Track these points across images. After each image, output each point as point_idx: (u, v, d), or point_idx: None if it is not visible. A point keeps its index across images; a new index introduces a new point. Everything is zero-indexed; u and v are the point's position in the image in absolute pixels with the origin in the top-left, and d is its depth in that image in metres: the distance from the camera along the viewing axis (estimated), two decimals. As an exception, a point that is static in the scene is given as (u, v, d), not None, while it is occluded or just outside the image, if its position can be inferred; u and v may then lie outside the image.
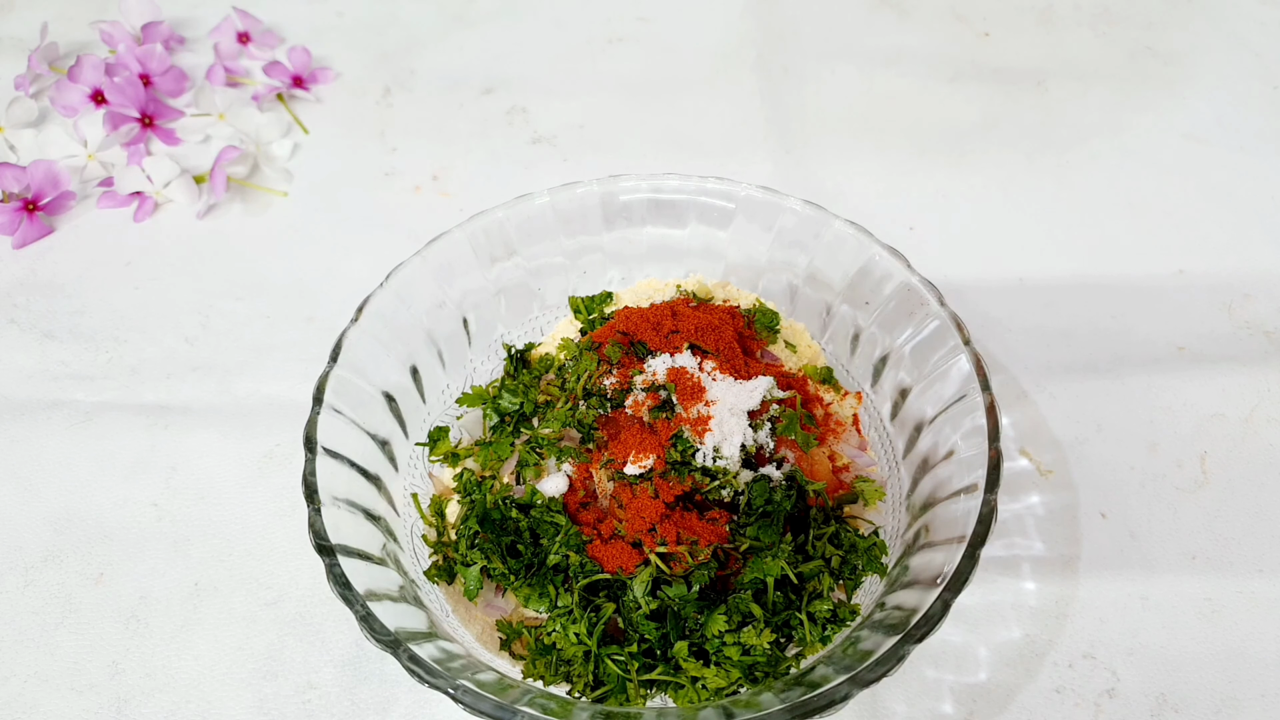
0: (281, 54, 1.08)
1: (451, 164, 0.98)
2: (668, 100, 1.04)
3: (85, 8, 1.15)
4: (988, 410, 0.59)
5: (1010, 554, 0.69)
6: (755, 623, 0.57)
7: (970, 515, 0.55)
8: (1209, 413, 0.77)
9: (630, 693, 0.57)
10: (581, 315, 0.75)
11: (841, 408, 0.70)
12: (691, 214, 0.73)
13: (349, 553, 0.55)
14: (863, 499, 0.65)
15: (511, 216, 0.71)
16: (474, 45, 1.11)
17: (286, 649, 0.66)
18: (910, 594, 0.54)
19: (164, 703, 0.64)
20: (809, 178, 0.96)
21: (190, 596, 0.68)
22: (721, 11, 1.14)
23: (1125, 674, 0.64)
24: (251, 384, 0.80)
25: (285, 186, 0.97)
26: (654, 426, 0.61)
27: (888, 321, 0.67)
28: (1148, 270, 0.87)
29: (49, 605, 0.68)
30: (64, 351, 0.83)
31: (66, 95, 0.98)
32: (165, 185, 0.93)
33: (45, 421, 0.78)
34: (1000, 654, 0.65)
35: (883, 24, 1.12)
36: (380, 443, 0.64)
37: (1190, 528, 0.70)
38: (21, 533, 0.72)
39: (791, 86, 1.05)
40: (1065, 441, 0.75)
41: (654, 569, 0.58)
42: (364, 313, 0.64)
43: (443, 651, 0.53)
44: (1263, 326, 0.82)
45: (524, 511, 0.62)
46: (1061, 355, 0.81)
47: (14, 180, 0.92)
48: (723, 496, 0.60)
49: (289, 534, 0.71)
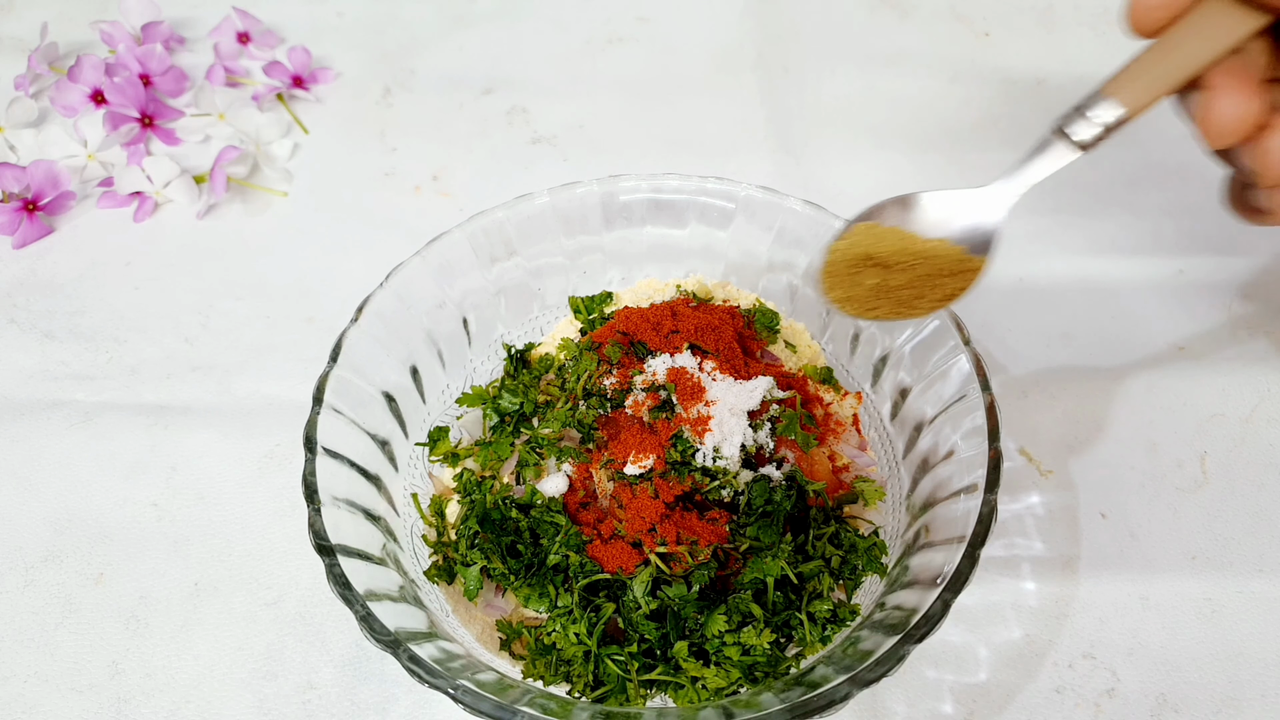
0: (281, 54, 1.08)
1: (451, 164, 0.98)
2: (668, 100, 1.04)
3: (85, 8, 1.15)
4: (988, 410, 0.59)
5: (1010, 554, 0.69)
6: (755, 623, 0.57)
7: (970, 515, 0.55)
8: (1209, 413, 0.77)
9: (630, 693, 0.57)
10: (581, 315, 0.75)
11: (841, 408, 0.70)
12: (691, 214, 0.73)
13: (349, 553, 0.55)
14: (863, 499, 0.66)
15: (511, 216, 0.71)
16: (474, 45, 1.11)
17: (286, 649, 0.66)
18: (910, 594, 0.54)
19: (164, 703, 0.64)
20: (809, 178, 0.96)
21: (190, 596, 0.68)
22: (721, 11, 1.14)
23: (1125, 674, 0.64)
24: (251, 384, 0.80)
25: (285, 186, 0.97)
26: (654, 426, 0.61)
27: (887, 321, 0.67)
28: (1148, 270, 0.87)
29: (49, 605, 0.68)
30: (64, 351, 0.83)
31: (66, 95, 0.98)
32: (165, 185, 0.93)
33: (45, 421, 0.78)
34: (1000, 654, 0.65)
35: (883, 24, 1.12)
36: (380, 443, 0.64)
37: (1190, 528, 0.70)
38: (21, 533, 0.72)
39: (791, 86, 1.05)
40: (1065, 441, 0.75)
41: (654, 569, 0.58)
42: (364, 313, 0.64)
43: (443, 651, 0.53)
44: (1263, 326, 0.82)
45: (524, 511, 0.62)
46: (1061, 355, 0.81)
47: (14, 180, 0.92)
48: (723, 496, 0.60)
49: (289, 534, 0.71)
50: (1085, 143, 0.52)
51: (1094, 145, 0.52)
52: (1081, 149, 0.52)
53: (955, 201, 0.56)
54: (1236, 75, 0.49)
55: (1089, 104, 0.52)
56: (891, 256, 0.56)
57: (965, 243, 0.56)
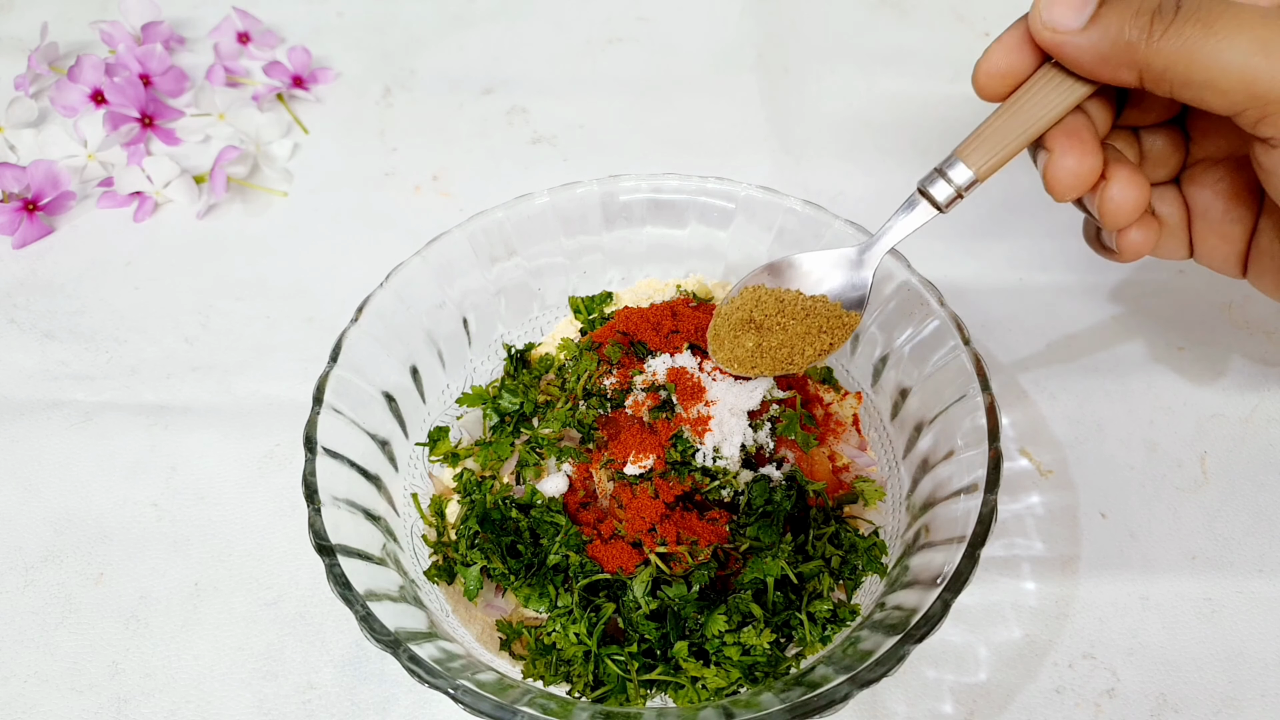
0: (281, 54, 1.08)
1: (451, 164, 0.98)
2: (668, 100, 1.04)
3: (85, 8, 1.15)
4: (988, 410, 0.59)
5: (1010, 554, 0.69)
6: (755, 623, 0.57)
7: (970, 515, 0.55)
8: (1209, 413, 0.77)
9: (630, 693, 0.57)
10: (581, 315, 0.75)
11: (841, 408, 0.70)
12: (691, 214, 0.73)
13: (349, 553, 0.55)
14: (863, 499, 0.66)
15: (511, 216, 0.71)
16: (474, 45, 1.11)
17: (286, 649, 0.66)
18: (910, 594, 0.54)
19: (164, 703, 0.64)
20: (809, 178, 0.96)
21: (190, 596, 0.68)
22: (721, 11, 1.14)
23: (1125, 674, 0.64)
24: (251, 384, 0.80)
25: (285, 186, 0.97)
26: (654, 426, 0.61)
27: (888, 321, 0.68)
28: (1148, 270, 0.87)
29: (49, 605, 0.68)
30: (64, 351, 0.83)
31: (66, 95, 0.98)
32: (165, 185, 0.93)
33: (45, 421, 0.78)
34: (1000, 654, 0.65)
35: (883, 24, 1.12)
36: (380, 443, 0.64)
37: (1190, 528, 0.70)
38: (21, 533, 0.72)
39: (791, 86, 1.05)
40: (1065, 441, 0.75)
41: (654, 569, 0.58)
42: (364, 313, 0.64)
43: (443, 651, 0.53)
44: (1263, 326, 0.82)
45: (524, 511, 0.62)
46: (1061, 355, 0.81)
47: (14, 180, 0.92)
48: (723, 496, 0.60)
49: (289, 534, 0.71)
50: (940, 204, 0.56)
51: (949, 206, 0.56)
52: (939, 209, 0.56)
53: (830, 261, 0.61)
54: (1074, 136, 0.53)
55: (946, 165, 0.56)
56: (769, 319, 0.61)
57: (842, 298, 0.61)
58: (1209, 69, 0.47)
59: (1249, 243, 0.58)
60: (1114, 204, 0.54)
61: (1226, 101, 0.48)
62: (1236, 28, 0.46)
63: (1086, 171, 0.53)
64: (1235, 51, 0.46)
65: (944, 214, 0.56)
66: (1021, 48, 0.53)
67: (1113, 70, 0.50)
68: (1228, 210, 0.58)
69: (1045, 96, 0.53)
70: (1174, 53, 0.47)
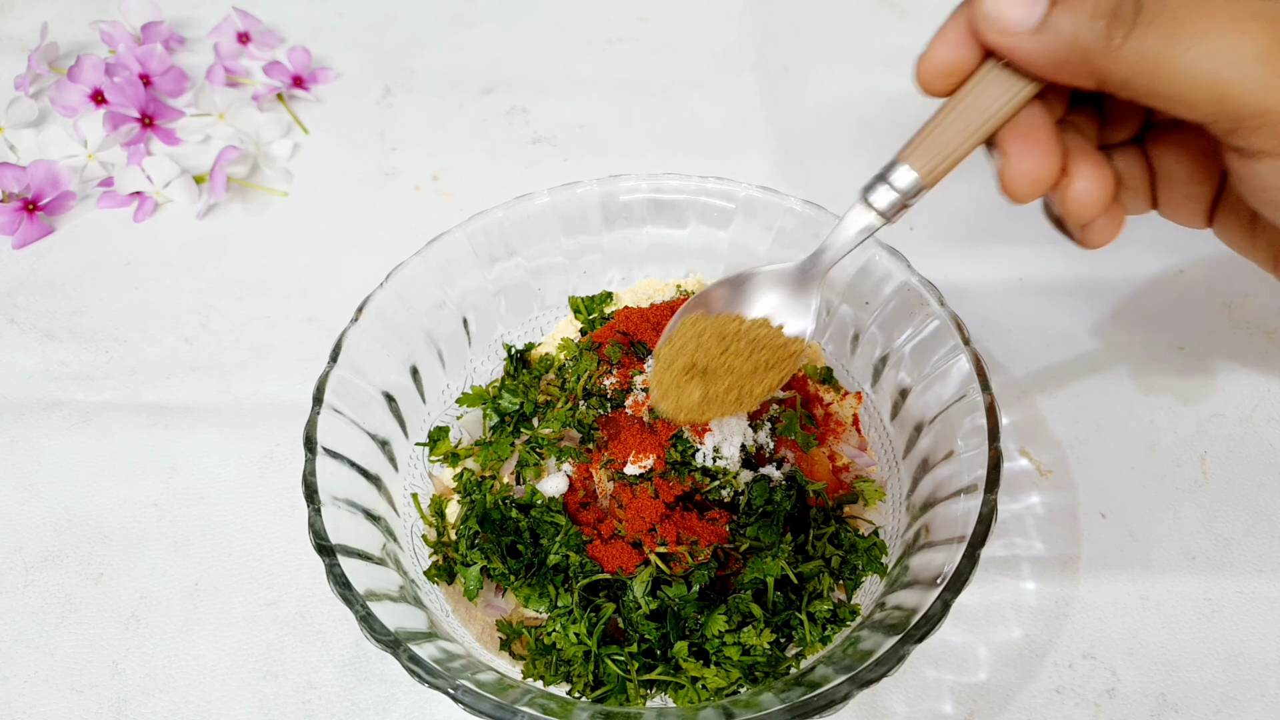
0: (281, 54, 1.08)
1: (451, 164, 0.98)
2: (668, 100, 1.04)
3: (85, 8, 1.15)
4: (988, 410, 0.58)
5: (1010, 554, 0.69)
6: (755, 623, 0.57)
7: (970, 515, 0.55)
8: (1209, 413, 0.77)
9: (630, 693, 0.57)
10: (581, 315, 0.75)
11: (841, 408, 0.70)
12: (691, 214, 0.73)
13: (349, 553, 0.55)
14: (863, 499, 0.66)
15: (511, 216, 0.71)
16: (474, 45, 1.11)
17: (286, 649, 0.66)
18: (910, 594, 0.54)
19: (164, 703, 0.64)
20: (809, 178, 0.96)
21: (190, 596, 0.68)
22: (721, 11, 1.14)
23: (1125, 674, 0.64)
24: (251, 384, 0.80)
25: (285, 186, 0.97)
26: (654, 427, 0.61)
27: (888, 321, 0.67)
28: (1148, 270, 0.87)
29: (49, 605, 0.68)
30: (64, 351, 0.83)
31: (66, 95, 0.98)
32: (165, 185, 0.93)
33: (45, 421, 0.78)
34: (1000, 654, 0.65)
35: (883, 24, 1.12)
36: (380, 443, 0.64)
37: (1190, 528, 0.70)
38: (21, 533, 0.72)
39: (791, 86, 1.05)
40: (1065, 441, 0.75)
41: (654, 569, 0.58)
42: (364, 313, 0.64)
43: (443, 651, 0.53)
44: (1263, 326, 0.82)
45: (524, 511, 0.62)
46: (1061, 355, 0.81)
47: (14, 180, 0.92)
48: (723, 496, 0.60)
49: (289, 534, 0.71)
50: (884, 211, 0.52)
51: (895, 215, 0.52)
52: (884, 218, 0.52)
53: (773, 279, 0.57)
54: (1029, 137, 0.49)
55: (888, 170, 0.51)
56: (713, 361, 0.56)
57: (785, 319, 0.57)
58: (1175, 82, 0.43)
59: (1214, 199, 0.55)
60: (1078, 203, 0.51)
61: (1196, 115, 0.44)
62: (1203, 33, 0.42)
63: (1044, 174, 0.49)
64: (1203, 62, 0.42)
65: (891, 223, 0.52)
66: (967, 41, 0.48)
67: (1069, 76, 0.46)
68: (1193, 173, 0.54)
69: (994, 92, 0.48)
70: (1136, 63, 0.43)
